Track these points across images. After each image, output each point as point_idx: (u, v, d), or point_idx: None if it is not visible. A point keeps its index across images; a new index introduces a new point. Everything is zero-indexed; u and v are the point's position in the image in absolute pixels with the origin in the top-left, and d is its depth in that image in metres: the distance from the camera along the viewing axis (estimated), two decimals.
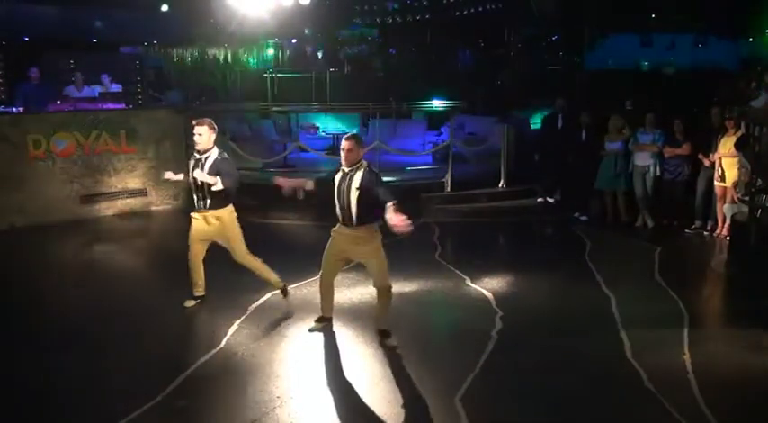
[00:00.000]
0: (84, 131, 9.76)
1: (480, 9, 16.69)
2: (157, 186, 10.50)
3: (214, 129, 5.82)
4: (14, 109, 10.28)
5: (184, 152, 10.80)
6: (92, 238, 8.87)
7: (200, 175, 5.70)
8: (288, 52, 17.59)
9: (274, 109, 13.66)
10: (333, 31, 18.27)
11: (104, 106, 10.75)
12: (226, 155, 5.96)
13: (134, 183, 10.29)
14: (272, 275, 6.18)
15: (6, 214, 8.96)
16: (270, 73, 15.60)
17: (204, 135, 5.76)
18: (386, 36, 18.89)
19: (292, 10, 13.16)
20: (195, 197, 5.90)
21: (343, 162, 5.16)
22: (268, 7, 12.71)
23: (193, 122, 5.89)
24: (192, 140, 5.88)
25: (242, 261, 6.04)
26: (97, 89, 11.63)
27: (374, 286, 5.29)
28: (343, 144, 5.13)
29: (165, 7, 14.75)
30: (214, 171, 5.72)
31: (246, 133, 12.88)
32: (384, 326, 5.34)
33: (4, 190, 9.03)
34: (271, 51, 16.76)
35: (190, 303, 6.07)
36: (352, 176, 5.09)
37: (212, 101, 13.21)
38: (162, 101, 12.86)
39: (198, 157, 5.83)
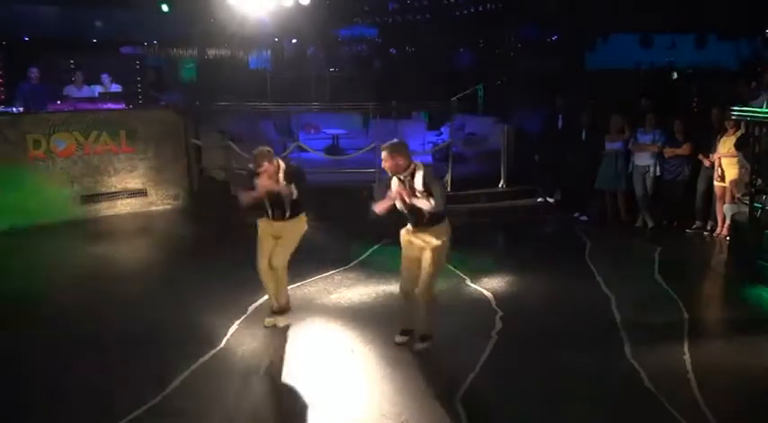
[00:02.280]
0: (84, 131, 9.76)
1: (480, 9, 16.68)
2: (157, 186, 10.51)
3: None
4: (14, 109, 10.28)
5: (184, 152, 10.83)
6: (92, 238, 8.86)
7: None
8: (288, 52, 17.61)
9: (274, 109, 13.65)
10: (333, 31, 18.27)
11: (104, 106, 10.75)
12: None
13: (134, 183, 10.29)
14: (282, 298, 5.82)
15: (6, 214, 8.96)
16: (269, 73, 15.61)
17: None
18: (386, 36, 18.89)
19: (292, 10, 13.15)
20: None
21: (389, 173, 5.05)
22: (268, 7, 12.70)
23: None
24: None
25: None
26: (97, 89, 11.62)
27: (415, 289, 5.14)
28: (382, 155, 5.02)
29: (165, 7, 14.74)
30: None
31: (246, 133, 12.87)
32: (423, 331, 5.24)
33: (4, 190, 9.02)
34: (269, 52, 16.78)
35: None
36: (410, 180, 4.98)
37: (212, 101, 13.19)
38: (162, 101, 12.85)
39: None
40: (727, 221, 8.24)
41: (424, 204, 4.89)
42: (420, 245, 5.10)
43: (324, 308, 6.18)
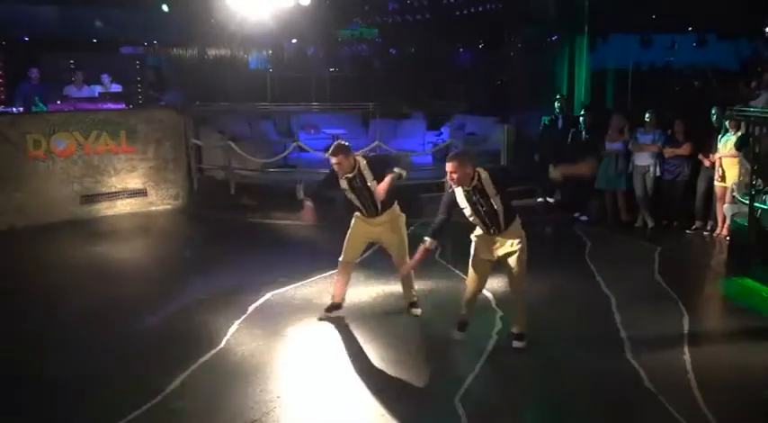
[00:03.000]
0: (84, 131, 9.76)
1: (480, 9, 16.67)
2: (157, 186, 10.51)
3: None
4: (14, 109, 10.29)
5: (184, 152, 10.83)
6: (92, 238, 8.86)
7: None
8: (288, 52, 17.61)
9: (274, 109, 13.65)
10: (333, 31, 18.27)
11: (104, 106, 10.75)
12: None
13: (134, 183, 10.29)
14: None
15: (6, 214, 8.96)
16: (269, 73, 15.61)
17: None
18: (386, 36, 18.88)
19: (292, 10, 13.15)
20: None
21: (454, 186, 4.96)
22: (268, 8, 12.70)
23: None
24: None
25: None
26: (97, 89, 11.63)
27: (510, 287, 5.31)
28: (447, 167, 4.87)
29: (165, 7, 14.73)
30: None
31: (246, 133, 12.87)
32: (518, 329, 5.26)
33: (4, 190, 9.04)
34: (269, 52, 16.78)
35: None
36: (479, 189, 4.91)
37: (212, 101, 13.20)
38: (162, 101, 12.86)
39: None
40: (728, 221, 8.24)
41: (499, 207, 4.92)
42: (505, 250, 5.16)
43: (324, 308, 6.17)
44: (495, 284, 6.76)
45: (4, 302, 6.36)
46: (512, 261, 5.13)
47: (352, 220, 5.71)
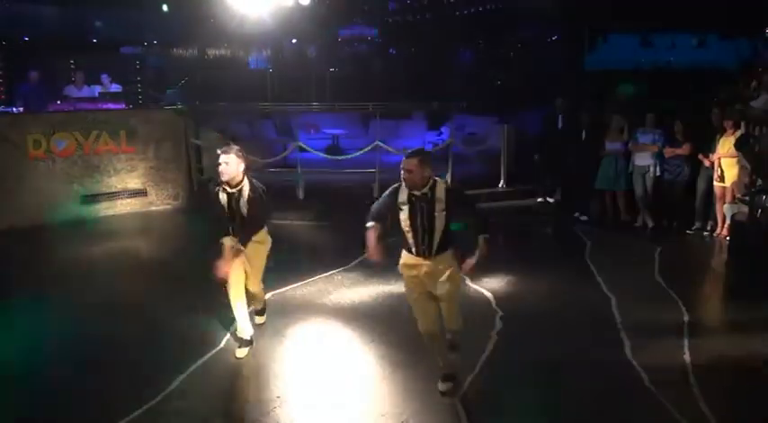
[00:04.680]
0: (84, 131, 9.76)
1: (480, 9, 16.69)
2: (157, 186, 10.51)
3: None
4: (14, 109, 10.29)
5: (184, 152, 10.83)
6: (92, 238, 8.87)
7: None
8: (288, 52, 17.61)
9: (274, 109, 13.66)
10: (333, 31, 18.27)
11: (104, 106, 10.76)
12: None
13: (134, 183, 10.29)
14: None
15: (6, 214, 8.96)
16: (269, 73, 15.62)
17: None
18: (386, 36, 18.89)
19: (292, 9, 13.16)
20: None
21: (405, 185, 4.34)
22: (268, 7, 12.71)
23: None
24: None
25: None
26: (97, 89, 11.64)
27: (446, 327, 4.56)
28: (404, 163, 4.29)
29: (165, 7, 14.75)
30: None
31: (246, 133, 12.88)
32: (448, 370, 4.61)
33: (4, 190, 9.04)
34: (269, 52, 16.79)
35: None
36: (428, 199, 4.32)
37: (212, 100, 13.20)
38: (162, 101, 12.88)
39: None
40: (727, 221, 8.24)
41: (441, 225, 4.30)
42: (434, 281, 4.39)
43: (324, 308, 6.18)
44: (496, 285, 6.78)
45: (4, 303, 6.36)
46: (443, 296, 4.40)
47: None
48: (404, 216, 4.36)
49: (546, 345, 5.34)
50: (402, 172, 4.32)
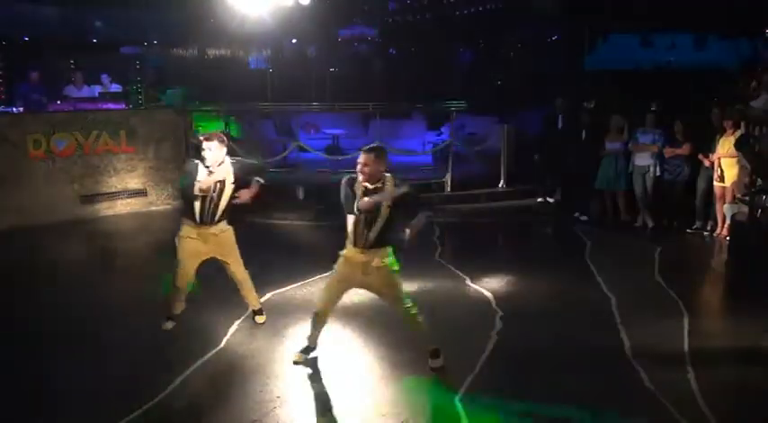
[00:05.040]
0: (84, 131, 9.77)
1: (480, 9, 16.68)
2: (157, 186, 10.51)
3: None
4: (14, 109, 10.29)
5: (184, 152, 10.83)
6: (92, 238, 8.87)
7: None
8: (287, 52, 17.61)
9: (274, 109, 13.65)
10: (333, 31, 18.27)
11: (104, 106, 10.76)
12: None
13: (134, 183, 10.29)
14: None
15: (6, 214, 8.96)
16: (269, 73, 15.62)
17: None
18: (386, 36, 18.88)
19: (292, 9, 13.16)
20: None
21: (362, 178, 4.56)
22: (268, 7, 12.71)
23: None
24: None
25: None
26: (97, 89, 11.64)
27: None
28: (361, 158, 4.54)
29: (164, 7, 14.74)
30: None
31: (246, 133, 12.86)
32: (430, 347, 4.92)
33: (4, 190, 9.04)
34: (269, 52, 16.78)
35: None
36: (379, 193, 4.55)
37: (212, 100, 13.20)
38: (162, 101, 12.88)
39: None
40: (727, 221, 8.24)
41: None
42: (371, 272, 4.68)
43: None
44: (496, 285, 6.78)
45: (4, 303, 6.36)
46: (384, 287, 4.76)
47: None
48: (354, 207, 4.54)
49: (546, 345, 5.34)
50: (358, 165, 4.53)
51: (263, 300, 6.08)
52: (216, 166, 5.24)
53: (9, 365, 5.01)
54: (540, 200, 10.77)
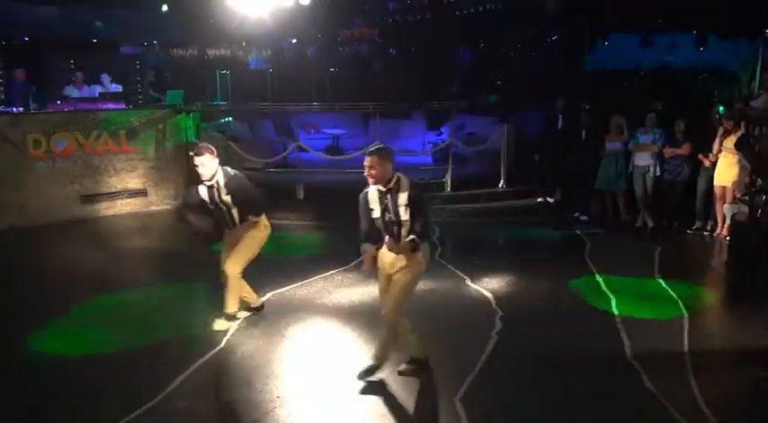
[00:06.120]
0: (84, 131, 9.77)
1: (480, 9, 16.69)
2: (157, 186, 10.51)
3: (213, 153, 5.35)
4: (14, 109, 10.29)
5: (184, 152, 10.83)
6: (92, 238, 8.87)
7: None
8: (287, 52, 17.61)
9: (274, 109, 13.66)
10: (333, 31, 18.28)
11: (104, 106, 10.76)
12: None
13: (134, 183, 10.29)
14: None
15: (6, 214, 8.96)
16: (270, 73, 15.62)
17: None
18: (386, 36, 18.89)
19: (292, 10, 13.17)
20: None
21: (370, 183, 4.54)
22: (268, 7, 12.71)
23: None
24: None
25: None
26: (97, 89, 11.64)
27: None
28: (366, 161, 4.48)
29: (165, 7, 14.75)
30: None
31: (246, 133, 12.88)
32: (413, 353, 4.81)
33: (4, 190, 9.04)
34: (269, 52, 16.79)
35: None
36: (394, 192, 4.49)
37: (212, 100, 13.21)
38: (162, 101, 12.89)
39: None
40: (727, 221, 8.24)
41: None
42: (394, 268, 4.59)
43: (324, 308, 6.18)
44: (496, 285, 6.78)
45: (4, 303, 6.36)
46: (394, 280, 4.59)
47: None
48: (376, 215, 4.57)
49: (546, 345, 5.34)
50: (365, 169, 4.50)
51: (262, 300, 6.08)
52: (212, 178, 5.33)
53: (9, 365, 5.00)
54: (540, 200, 10.77)
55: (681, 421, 4.15)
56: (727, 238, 8.11)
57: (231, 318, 5.64)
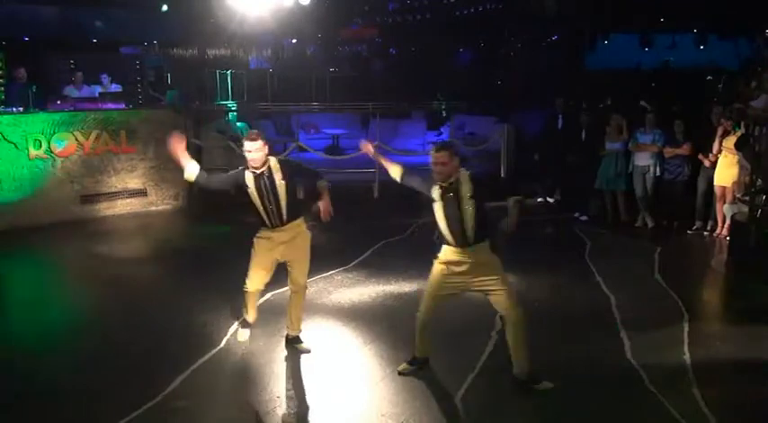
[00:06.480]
0: (84, 131, 9.76)
1: (480, 9, 16.69)
2: (157, 186, 10.50)
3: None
4: (14, 109, 10.29)
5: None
6: (92, 238, 8.86)
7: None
8: (287, 52, 17.61)
9: (274, 109, 13.66)
10: (333, 31, 18.28)
11: (104, 106, 10.76)
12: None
13: (134, 183, 10.29)
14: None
15: (6, 214, 8.96)
16: (270, 72, 15.63)
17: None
18: (386, 36, 18.90)
19: (292, 10, 13.16)
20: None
21: (437, 178, 4.42)
22: (268, 7, 12.71)
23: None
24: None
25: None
26: (97, 89, 11.64)
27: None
28: (436, 156, 4.36)
29: (165, 7, 14.76)
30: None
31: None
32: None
33: (4, 190, 9.04)
34: (269, 52, 16.79)
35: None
36: (455, 188, 4.40)
37: (212, 100, 13.21)
38: (162, 101, 12.89)
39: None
40: (728, 221, 8.24)
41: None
42: (481, 283, 4.59)
43: (324, 308, 6.18)
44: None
45: (4, 302, 6.36)
46: (490, 287, 4.59)
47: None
48: (437, 208, 4.46)
49: (546, 345, 5.33)
50: (434, 165, 4.37)
51: (262, 300, 6.09)
52: (261, 166, 5.07)
53: (9, 365, 5.01)
54: (540, 200, 10.77)
55: (681, 421, 4.15)
56: (727, 238, 8.11)
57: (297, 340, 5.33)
